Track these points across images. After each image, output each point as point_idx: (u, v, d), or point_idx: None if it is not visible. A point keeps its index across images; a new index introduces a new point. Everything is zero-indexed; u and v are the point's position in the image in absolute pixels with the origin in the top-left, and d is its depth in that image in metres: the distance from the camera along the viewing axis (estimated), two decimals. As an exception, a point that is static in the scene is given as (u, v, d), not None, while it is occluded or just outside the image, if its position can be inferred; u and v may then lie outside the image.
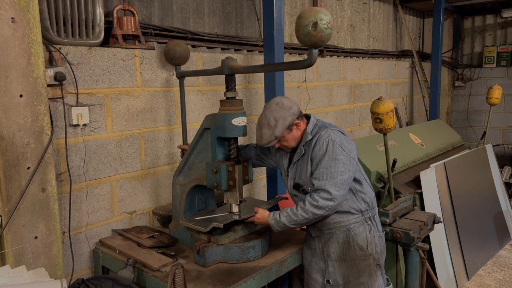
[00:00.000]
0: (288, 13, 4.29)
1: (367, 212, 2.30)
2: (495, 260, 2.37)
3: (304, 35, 1.78)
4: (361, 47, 5.47)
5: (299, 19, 1.78)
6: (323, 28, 1.75)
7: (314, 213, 2.12)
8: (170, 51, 2.75)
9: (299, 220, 2.16)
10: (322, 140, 2.17)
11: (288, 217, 2.18)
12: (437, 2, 5.94)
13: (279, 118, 2.17)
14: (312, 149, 2.21)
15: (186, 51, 2.79)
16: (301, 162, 2.28)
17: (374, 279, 2.29)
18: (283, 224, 2.20)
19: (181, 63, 2.80)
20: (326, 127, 2.24)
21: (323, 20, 1.74)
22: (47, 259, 2.10)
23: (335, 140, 2.15)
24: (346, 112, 4.97)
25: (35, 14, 1.97)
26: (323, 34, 1.76)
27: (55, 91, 2.35)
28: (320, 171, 2.14)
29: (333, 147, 2.14)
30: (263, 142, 2.23)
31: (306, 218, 2.15)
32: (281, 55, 3.15)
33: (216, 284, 2.06)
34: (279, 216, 2.20)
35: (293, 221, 2.17)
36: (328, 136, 2.17)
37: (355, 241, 2.25)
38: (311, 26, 1.74)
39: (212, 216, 2.46)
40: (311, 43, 1.80)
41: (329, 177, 2.11)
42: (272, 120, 2.17)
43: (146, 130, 2.90)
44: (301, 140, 2.28)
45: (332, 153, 2.13)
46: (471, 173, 4.46)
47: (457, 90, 7.43)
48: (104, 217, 2.71)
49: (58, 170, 2.43)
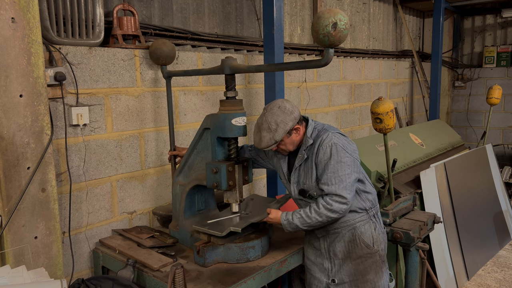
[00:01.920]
0: (288, 13, 4.29)
1: (371, 210, 2.32)
2: (495, 260, 2.37)
3: (323, 35, 1.79)
4: (361, 47, 5.47)
5: (318, 20, 1.79)
6: (342, 28, 1.78)
7: (328, 216, 2.13)
8: (157, 50, 2.68)
9: (312, 223, 2.17)
10: (325, 145, 2.16)
11: (301, 219, 2.18)
12: (437, 2, 5.94)
13: (280, 122, 2.15)
14: (316, 154, 2.19)
15: (173, 50, 2.74)
16: (304, 167, 2.26)
17: (380, 275, 2.31)
18: (296, 226, 2.20)
19: (168, 62, 2.75)
20: (326, 130, 2.23)
21: (342, 21, 1.77)
22: (47, 259, 2.10)
23: (338, 143, 2.15)
24: (346, 112, 4.98)
25: (35, 14, 1.97)
26: (341, 34, 1.79)
27: (55, 91, 2.35)
28: (328, 176, 2.14)
29: (336, 151, 2.14)
30: (262, 145, 2.21)
31: (320, 221, 2.15)
32: (281, 55, 3.15)
33: (216, 284, 2.06)
34: (292, 218, 2.20)
35: (306, 223, 2.17)
36: (330, 140, 2.16)
37: (362, 239, 2.26)
38: (331, 27, 1.76)
39: (223, 219, 2.41)
40: (330, 43, 1.82)
41: (338, 181, 2.12)
42: (273, 124, 2.15)
43: (146, 130, 2.90)
44: (301, 144, 2.27)
45: (337, 157, 2.13)
46: (471, 173, 4.46)
47: (457, 90, 7.43)
48: (104, 217, 2.71)
49: (58, 170, 2.43)
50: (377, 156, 3.71)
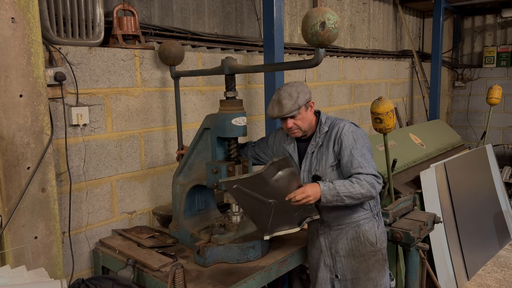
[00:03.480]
0: (288, 13, 4.29)
1: (375, 208, 2.34)
2: (495, 260, 2.36)
3: (311, 34, 1.78)
4: (361, 47, 5.47)
5: (307, 19, 1.78)
6: (330, 27, 1.76)
7: (369, 191, 2.11)
8: (165, 51, 2.71)
9: (354, 192, 2.09)
10: (347, 132, 2.22)
11: (343, 187, 2.09)
12: (437, 2, 5.94)
13: (301, 91, 2.19)
14: (334, 141, 2.23)
15: (182, 51, 2.77)
16: (318, 154, 2.28)
17: (382, 274, 2.32)
18: (337, 192, 2.08)
19: (176, 63, 2.77)
20: (341, 120, 2.31)
21: (330, 20, 1.75)
22: (47, 259, 2.10)
23: (357, 131, 2.25)
24: (346, 112, 4.97)
25: (35, 14, 1.97)
26: (330, 34, 1.77)
27: (55, 91, 2.35)
28: (358, 160, 2.16)
29: (359, 137, 2.22)
30: (285, 111, 2.15)
31: (360, 193, 2.10)
32: (281, 55, 3.15)
33: (216, 284, 2.06)
34: (333, 184, 2.10)
35: (348, 192, 2.08)
36: (349, 127, 2.24)
37: (366, 237, 2.27)
38: (319, 26, 1.75)
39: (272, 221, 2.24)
40: (318, 42, 1.80)
41: (368, 164, 2.17)
42: (294, 93, 2.18)
43: (146, 130, 2.90)
44: (314, 131, 2.30)
45: (362, 142, 2.21)
46: (471, 173, 4.45)
47: (457, 90, 7.43)
48: (104, 217, 2.71)
49: (58, 170, 2.43)
50: (377, 156, 3.70)
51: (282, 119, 2.24)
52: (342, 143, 2.20)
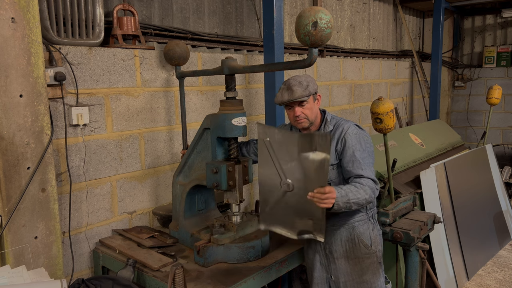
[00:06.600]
0: (288, 13, 4.29)
1: (370, 211, 2.33)
2: (495, 260, 2.36)
3: (304, 34, 1.78)
4: (361, 47, 5.47)
5: (299, 19, 1.77)
6: (323, 27, 1.74)
7: (370, 196, 2.10)
8: (170, 51, 2.75)
9: (361, 198, 2.05)
10: (351, 133, 2.21)
11: (351, 193, 2.03)
12: (437, 2, 5.94)
13: (310, 81, 2.20)
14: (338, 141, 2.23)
15: (186, 51, 2.79)
16: None
17: (377, 277, 2.31)
18: (348, 199, 2.01)
19: (181, 63, 2.80)
20: (347, 121, 2.31)
21: (323, 20, 1.74)
22: (47, 259, 2.10)
23: (361, 134, 2.24)
24: (346, 112, 4.97)
25: (35, 14, 1.97)
26: (323, 34, 1.76)
27: (55, 91, 2.35)
28: (359, 162, 2.16)
29: (362, 140, 2.22)
30: (296, 95, 2.11)
31: (365, 199, 2.07)
32: (281, 55, 3.15)
33: (216, 284, 2.06)
34: (344, 190, 2.02)
35: (356, 198, 2.03)
36: (354, 129, 2.24)
37: (360, 239, 2.26)
38: (311, 26, 1.74)
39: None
40: (311, 42, 1.79)
41: (368, 168, 2.17)
42: (304, 81, 2.18)
43: (146, 130, 2.90)
44: (318, 128, 2.30)
45: (364, 145, 2.21)
46: (471, 173, 4.45)
47: (457, 90, 7.43)
48: (104, 217, 2.71)
49: (58, 170, 2.43)
50: (377, 156, 3.70)
51: (289, 108, 2.22)
52: (346, 142, 2.20)
